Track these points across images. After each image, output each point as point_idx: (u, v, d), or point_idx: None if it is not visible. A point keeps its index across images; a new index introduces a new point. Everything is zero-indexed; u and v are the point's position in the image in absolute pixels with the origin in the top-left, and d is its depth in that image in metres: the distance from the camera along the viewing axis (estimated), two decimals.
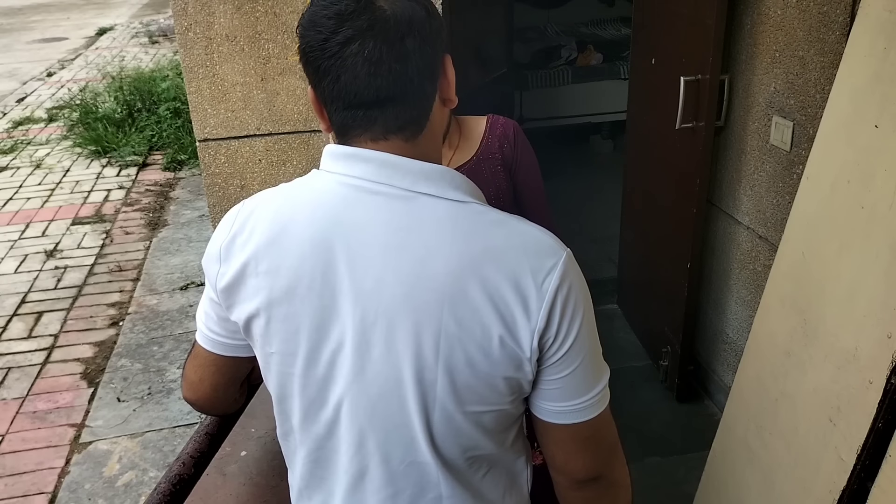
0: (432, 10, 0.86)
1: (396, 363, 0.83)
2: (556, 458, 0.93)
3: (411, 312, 0.82)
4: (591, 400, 0.89)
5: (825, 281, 1.60)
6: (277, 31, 2.32)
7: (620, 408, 0.95)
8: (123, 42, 11.43)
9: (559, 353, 0.85)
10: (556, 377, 0.87)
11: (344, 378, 0.86)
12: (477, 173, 1.65)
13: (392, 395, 0.85)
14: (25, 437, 2.83)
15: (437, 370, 0.83)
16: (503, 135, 1.68)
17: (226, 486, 1.31)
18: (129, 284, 3.98)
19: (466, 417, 0.86)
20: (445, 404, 0.85)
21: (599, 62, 5.26)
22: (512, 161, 1.68)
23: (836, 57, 1.85)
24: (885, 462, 1.37)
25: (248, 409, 1.20)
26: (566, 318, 0.84)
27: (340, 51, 0.80)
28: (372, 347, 0.84)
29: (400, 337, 0.82)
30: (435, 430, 0.87)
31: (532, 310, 0.82)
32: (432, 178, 0.84)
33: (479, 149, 1.67)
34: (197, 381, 1.04)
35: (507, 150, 1.68)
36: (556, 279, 0.82)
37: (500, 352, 0.82)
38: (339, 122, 0.86)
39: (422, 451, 0.88)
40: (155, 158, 5.99)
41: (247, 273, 0.87)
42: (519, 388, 0.87)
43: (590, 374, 0.89)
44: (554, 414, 0.89)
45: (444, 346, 0.82)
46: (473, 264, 0.81)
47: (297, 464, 0.97)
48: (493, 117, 1.71)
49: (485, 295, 0.81)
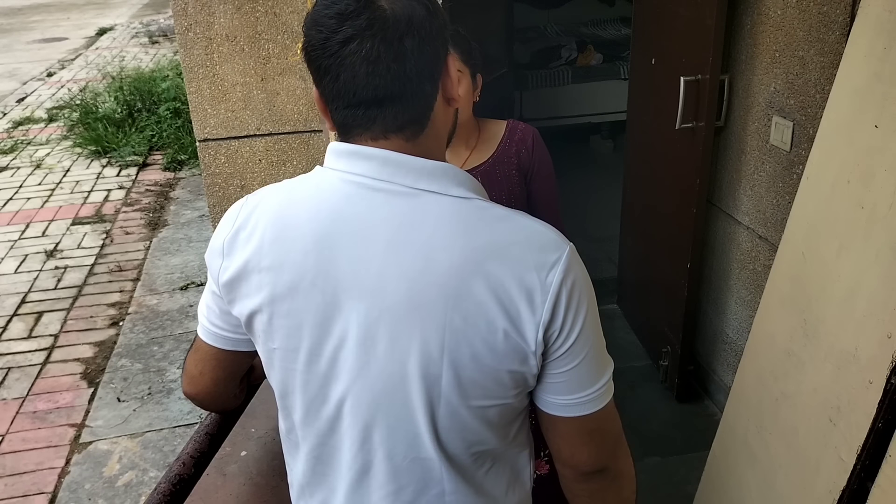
0: (435, 8, 0.85)
1: (401, 359, 0.84)
2: (562, 450, 0.94)
3: (415, 308, 0.82)
4: (595, 392, 0.90)
5: (825, 281, 1.60)
6: (277, 31, 2.32)
7: (620, 408, 0.95)
8: (123, 42, 11.43)
9: (564, 347, 0.85)
10: (562, 370, 0.87)
11: (347, 374, 0.86)
12: (491, 175, 1.67)
13: (396, 391, 0.85)
14: (25, 437, 2.83)
15: (441, 365, 0.83)
16: (522, 140, 1.69)
17: (226, 486, 1.31)
18: (130, 284, 3.98)
19: (471, 412, 0.87)
20: (450, 399, 0.85)
21: (599, 62, 5.26)
22: (528, 167, 1.70)
23: (836, 57, 1.85)
24: (885, 462, 1.37)
25: (248, 409, 1.20)
26: (571, 312, 0.84)
27: (340, 50, 0.81)
28: (376, 344, 0.84)
29: (404, 333, 0.83)
30: (440, 426, 0.87)
31: (537, 304, 0.82)
32: (435, 176, 0.85)
33: (496, 152, 1.68)
34: (197, 375, 1.04)
35: (524, 155, 1.69)
36: (560, 273, 0.83)
37: (504, 346, 0.83)
38: (340, 121, 0.86)
39: (426, 447, 0.88)
40: (155, 158, 5.99)
41: (249, 268, 0.88)
42: (524, 381, 0.87)
43: (594, 366, 0.89)
44: (559, 407, 0.90)
45: (448, 341, 0.82)
46: (477, 259, 0.81)
47: (298, 460, 0.98)
48: (512, 122, 1.73)
49: (489, 290, 0.81)
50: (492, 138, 1.70)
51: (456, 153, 1.69)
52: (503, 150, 1.69)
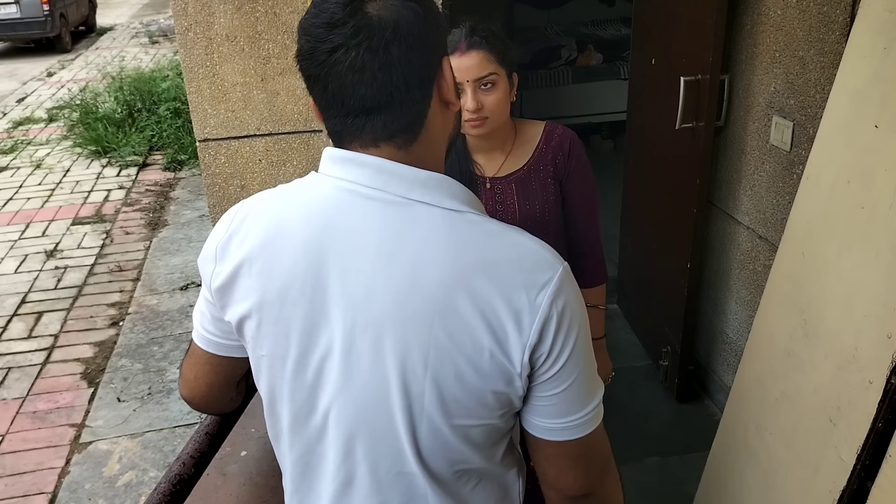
0: (427, 11, 0.83)
1: (384, 373, 0.82)
2: (548, 473, 0.92)
3: (401, 322, 0.80)
4: (584, 417, 0.88)
5: (825, 281, 1.60)
6: (277, 31, 2.32)
7: (620, 408, 0.94)
8: (123, 42, 11.43)
9: (552, 370, 0.83)
10: (549, 394, 0.85)
11: (332, 385, 0.85)
12: (526, 184, 1.60)
13: (380, 406, 0.84)
14: (26, 437, 2.83)
15: (424, 382, 0.81)
16: (558, 146, 1.61)
17: (226, 486, 1.31)
18: (129, 284, 3.98)
19: (454, 431, 0.85)
20: (433, 417, 0.83)
21: (599, 62, 5.26)
22: (564, 174, 1.62)
23: (836, 57, 1.85)
24: (885, 462, 1.37)
25: (248, 409, 1.20)
26: (560, 335, 0.82)
27: (328, 59, 0.79)
28: (360, 355, 0.82)
29: (388, 346, 0.81)
30: (421, 443, 0.85)
31: (524, 325, 0.80)
32: (428, 186, 0.83)
33: (532, 158, 1.61)
34: (193, 380, 1.03)
35: (559, 162, 1.61)
36: (551, 294, 0.80)
37: (490, 366, 0.81)
38: (331, 130, 0.85)
39: (409, 463, 0.86)
40: (155, 158, 6.00)
41: (240, 273, 0.87)
42: (509, 403, 0.85)
43: (583, 391, 0.87)
44: (546, 430, 0.88)
45: (432, 358, 0.80)
46: (466, 275, 0.79)
47: (287, 467, 0.97)
48: (550, 125, 1.64)
49: (476, 308, 0.79)
50: (528, 142, 1.62)
51: (491, 158, 1.62)
52: (539, 157, 1.61)
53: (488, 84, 1.48)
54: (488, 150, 1.61)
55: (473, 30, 1.50)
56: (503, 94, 1.51)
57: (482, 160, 1.63)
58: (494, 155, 1.62)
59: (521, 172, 1.61)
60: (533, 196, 1.60)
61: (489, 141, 1.59)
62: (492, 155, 1.62)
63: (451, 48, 1.45)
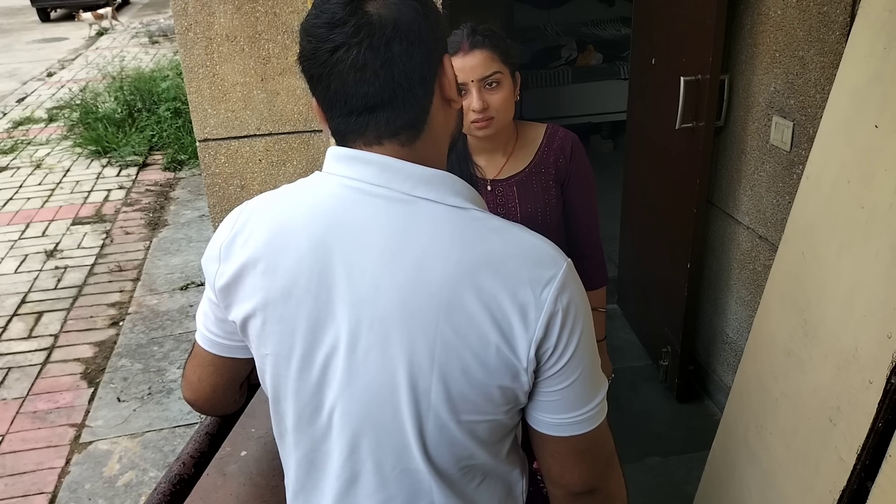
0: (426, 9, 0.84)
1: (391, 369, 0.82)
2: (552, 469, 0.92)
3: (407, 318, 0.81)
4: (588, 413, 0.88)
5: (825, 281, 1.60)
6: (277, 31, 2.32)
7: (620, 408, 0.94)
8: (123, 42, 11.43)
9: (558, 365, 0.84)
10: (554, 389, 0.86)
11: (337, 382, 0.85)
12: (527, 186, 1.60)
13: (385, 402, 0.84)
14: (25, 437, 2.83)
15: (431, 378, 0.82)
16: (560, 148, 1.61)
17: (226, 486, 1.31)
18: (129, 284, 3.98)
19: (460, 426, 0.85)
20: (439, 412, 0.84)
21: (599, 62, 5.26)
22: (566, 176, 1.62)
23: (836, 57, 1.85)
24: (885, 462, 1.37)
25: (248, 409, 1.20)
26: (566, 330, 0.82)
27: (329, 58, 0.80)
28: (366, 352, 0.83)
29: (395, 343, 0.81)
30: (428, 439, 0.86)
31: (530, 319, 0.80)
32: (433, 183, 0.83)
33: (534, 160, 1.60)
34: (196, 381, 1.03)
35: (561, 164, 1.61)
36: (556, 290, 0.81)
37: (496, 361, 0.81)
38: (335, 129, 0.86)
39: (414, 459, 0.87)
40: (155, 158, 5.99)
41: (245, 273, 0.87)
42: (514, 398, 0.86)
43: (588, 386, 0.87)
44: (551, 426, 0.88)
45: (439, 354, 0.81)
46: (471, 271, 0.80)
47: (291, 466, 0.97)
48: (552, 127, 1.64)
49: (482, 303, 0.80)
50: (529, 144, 1.61)
51: (492, 160, 1.61)
52: (540, 159, 1.60)
53: (493, 83, 1.47)
54: (490, 151, 1.61)
55: (475, 29, 1.49)
56: (508, 93, 1.50)
57: (483, 162, 1.62)
58: (495, 156, 1.62)
59: (522, 174, 1.60)
60: (534, 198, 1.60)
61: (491, 142, 1.59)
62: (493, 156, 1.62)
63: (453, 49, 1.45)
